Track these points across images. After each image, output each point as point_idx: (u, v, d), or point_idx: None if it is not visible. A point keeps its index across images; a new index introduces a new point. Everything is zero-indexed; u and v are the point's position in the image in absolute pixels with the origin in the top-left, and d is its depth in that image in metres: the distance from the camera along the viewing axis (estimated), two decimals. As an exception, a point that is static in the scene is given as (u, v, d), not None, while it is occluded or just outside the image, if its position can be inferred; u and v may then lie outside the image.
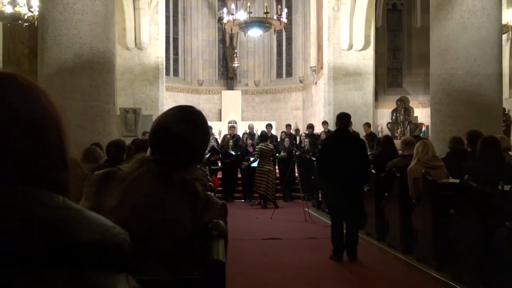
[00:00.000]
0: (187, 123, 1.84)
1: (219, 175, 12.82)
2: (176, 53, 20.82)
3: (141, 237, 1.50)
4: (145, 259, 1.52)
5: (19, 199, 0.67)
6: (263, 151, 11.58)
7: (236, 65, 20.78)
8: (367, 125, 14.11)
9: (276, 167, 12.43)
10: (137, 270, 0.73)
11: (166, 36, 17.70)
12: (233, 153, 12.94)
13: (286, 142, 13.13)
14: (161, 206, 1.70)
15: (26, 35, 14.72)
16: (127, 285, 0.69)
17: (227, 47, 21.09)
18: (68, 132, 0.76)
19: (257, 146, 12.17)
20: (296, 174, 12.38)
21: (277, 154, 12.25)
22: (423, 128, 15.90)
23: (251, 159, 12.41)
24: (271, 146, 11.87)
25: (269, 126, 14.98)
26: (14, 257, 0.63)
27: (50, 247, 0.64)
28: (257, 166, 11.70)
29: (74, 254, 0.65)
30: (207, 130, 1.94)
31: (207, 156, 11.54)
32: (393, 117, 16.86)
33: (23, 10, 12.06)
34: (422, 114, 16.49)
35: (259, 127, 15.62)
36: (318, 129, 14.90)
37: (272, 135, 14.25)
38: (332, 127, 12.60)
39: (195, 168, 1.86)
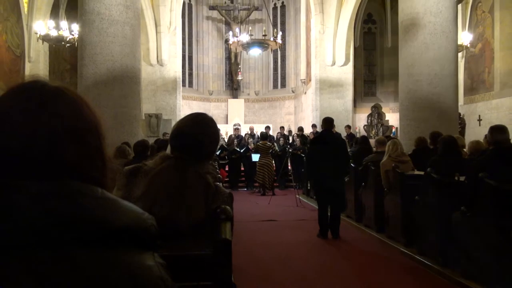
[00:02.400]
0: (201, 127, 1.84)
1: (226, 168, 12.81)
2: (190, 68, 20.79)
3: (163, 220, 1.50)
4: (166, 239, 1.53)
5: (66, 191, 0.67)
6: (259, 147, 11.59)
7: (239, 78, 20.76)
8: (348, 127, 14.12)
9: (273, 162, 12.43)
10: (161, 248, 0.73)
11: (182, 54, 17.70)
12: (238, 149, 12.95)
13: (281, 141, 13.14)
14: (179, 195, 1.70)
15: (67, 54, 14.72)
16: (153, 261, 0.69)
17: (232, 63, 21.06)
18: (106, 136, 0.76)
19: (255, 143, 12.22)
20: (289, 167, 12.37)
21: (276, 148, 12.26)
22: (393, 130, 15.88)
23: (252, 154, 12.41)
24: (268, 144, 11.84)
25: (267, 128, 14.98)
26: (61, 240, 0.63)
27: (90, 231, 0.65)
28: (257, 160, 11.69)
29: (110, 237, 0.66)
30: (217, 133, 1.93)
31: (217, 153, 11.52)
32: (369, 121, 16.85)
33: (65, 33, 12.12)
34: (392, 118, 16.47)
35: (259, 129, 15.61)
36: (307, 130, 14.89)
37: (270, 135, 14.26)
38: (319, 129, 12.57)
39: (207, 163, 1.86)
